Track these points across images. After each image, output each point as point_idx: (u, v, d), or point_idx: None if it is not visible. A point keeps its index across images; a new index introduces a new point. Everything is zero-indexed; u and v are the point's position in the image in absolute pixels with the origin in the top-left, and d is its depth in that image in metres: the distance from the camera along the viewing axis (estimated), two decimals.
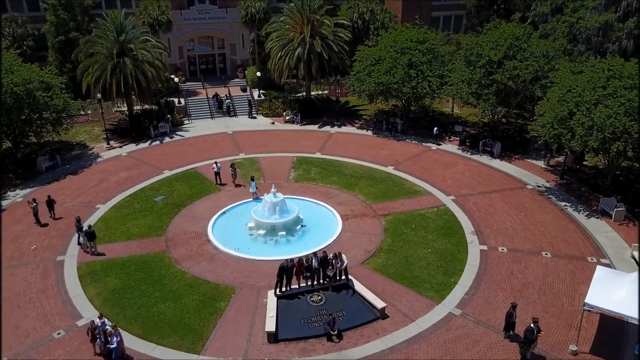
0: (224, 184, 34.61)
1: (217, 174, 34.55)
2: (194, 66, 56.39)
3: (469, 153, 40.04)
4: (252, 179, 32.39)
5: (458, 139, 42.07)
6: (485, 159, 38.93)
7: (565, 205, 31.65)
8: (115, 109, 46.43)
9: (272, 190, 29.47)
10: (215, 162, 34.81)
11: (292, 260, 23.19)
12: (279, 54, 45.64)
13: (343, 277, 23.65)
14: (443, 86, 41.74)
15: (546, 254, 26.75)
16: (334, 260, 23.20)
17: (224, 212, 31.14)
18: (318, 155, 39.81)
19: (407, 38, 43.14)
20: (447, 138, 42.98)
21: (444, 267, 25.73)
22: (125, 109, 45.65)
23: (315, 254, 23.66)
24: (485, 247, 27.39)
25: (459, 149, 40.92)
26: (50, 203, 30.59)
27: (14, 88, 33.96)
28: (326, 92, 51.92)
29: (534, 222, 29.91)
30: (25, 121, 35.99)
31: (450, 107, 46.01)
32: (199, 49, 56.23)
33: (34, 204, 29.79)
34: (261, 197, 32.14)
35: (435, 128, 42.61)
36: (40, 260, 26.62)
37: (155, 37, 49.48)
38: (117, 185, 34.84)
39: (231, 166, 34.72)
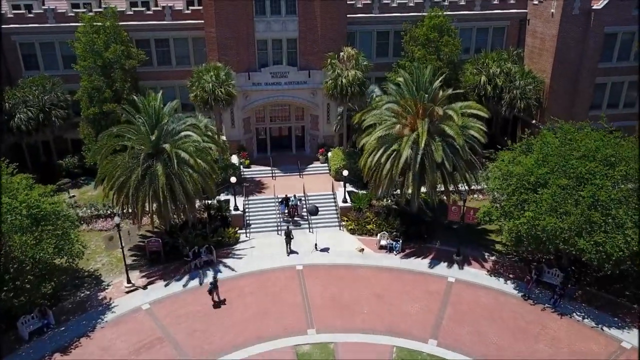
0: None
1: None
2: (264, 136, 43.01)
3: None
4: None
5: None
6: None
7: None
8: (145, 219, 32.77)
9: None
10: None
11: None
12: (377, 157, 30.99)
13: None
14: None
15: None
16: None
17: None
18: (432, 347, 24.81)
19: (586, 151, 27.09)
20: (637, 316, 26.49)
21: None
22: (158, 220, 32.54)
23: None
24: None
25: None
26: None
27: None
28: (440, 191, 36.15)
29: None
30: None
31: None
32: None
33: None
34: None
35: None
36: None
37: (214, 112, 36.84)
38: None
39: None
